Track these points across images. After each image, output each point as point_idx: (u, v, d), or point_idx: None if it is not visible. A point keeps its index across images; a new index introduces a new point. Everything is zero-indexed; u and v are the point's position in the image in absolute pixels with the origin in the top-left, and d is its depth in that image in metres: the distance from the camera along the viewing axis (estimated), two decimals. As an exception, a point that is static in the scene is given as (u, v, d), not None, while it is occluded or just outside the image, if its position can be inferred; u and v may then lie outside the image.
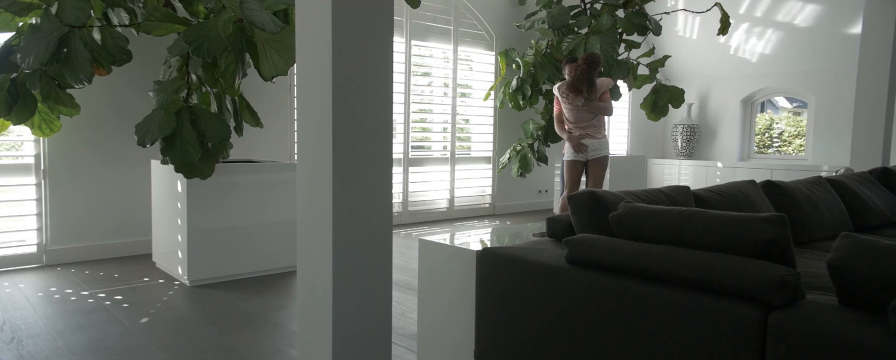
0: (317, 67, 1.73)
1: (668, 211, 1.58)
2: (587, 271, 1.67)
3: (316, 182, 1.76)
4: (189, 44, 2.92)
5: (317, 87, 1.74)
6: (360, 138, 1.75)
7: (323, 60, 1.70)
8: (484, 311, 1.99)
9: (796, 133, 8.27)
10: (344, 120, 1.72)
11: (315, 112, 1.76)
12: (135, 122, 4.28)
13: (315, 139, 1.76)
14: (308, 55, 1.77)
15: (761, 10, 7.30)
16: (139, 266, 4.03)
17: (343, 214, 1.73)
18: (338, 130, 1.70)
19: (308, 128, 1.79)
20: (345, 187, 1.73)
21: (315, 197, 1.76)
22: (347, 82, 1.71)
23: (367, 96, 1.76)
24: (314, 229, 1.77)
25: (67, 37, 3.22)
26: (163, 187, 3.79)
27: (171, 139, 2.99)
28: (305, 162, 1.81)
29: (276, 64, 2.93)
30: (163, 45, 4.35)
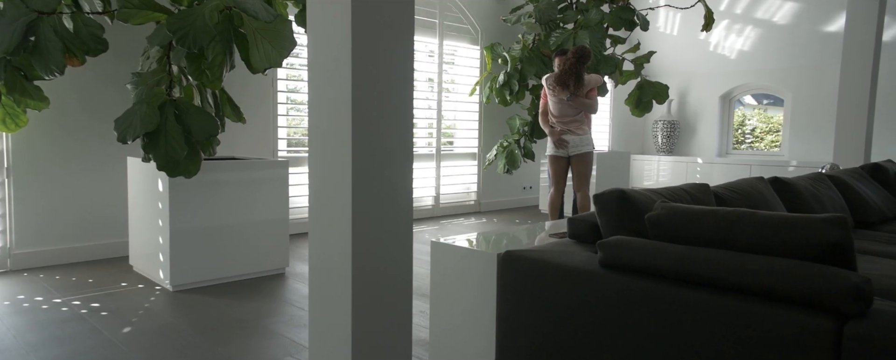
0: (334, 61, 1.59)
1: (713, 212, 1.49)
2: (624, 275, 1.57)
3: (333, 182, 1.62)
4: (173, 33, 2.72)
5: (335, 82, 1.59)
6: (381, 135, 1.62)
7: (341, 52, 1.56)
8: (506, 317, 1.88)
9: (768, 129, 8.40)
10: (364, 116, 1.58)
11: (332, 108, 1.61)
12: (108, 116, 4.04)
13: (332, 137, 1.62)
14: (324, 48, 1.62)
15: (741, 8, 7.37)
16: (115, 270, 3.79)
17: (364, 215, 1.59)
18: (357, 127, 1.57)
19: (323, 124, 1.65)
20: (365, 187, 1.59)
21: (332, 198, 1.62)
22: (368, 76, 1.58)
23: (387, 91, 1.62)
24: (331, 231, 1.63)
25: (36, 24, 2.98)
26: (141, 186, 3.56)
27: (154, 135, 2.79)
28: (321, 161, 1.67)
29: (268, 55, 2.75)
30: (137, 34, 4.11)
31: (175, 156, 2.79)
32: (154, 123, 2.74)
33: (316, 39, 1.66)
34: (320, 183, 1.67)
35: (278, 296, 3.28)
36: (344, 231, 1.59)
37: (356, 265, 1.59)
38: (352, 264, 1.58)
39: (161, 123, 2.79)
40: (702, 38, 7.98)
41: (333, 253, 1.63)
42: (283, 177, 3.71)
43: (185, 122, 2.87)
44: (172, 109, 2.87)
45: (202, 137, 2.84)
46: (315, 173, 1.69)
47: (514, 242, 2.13)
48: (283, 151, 5.07)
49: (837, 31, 6.94)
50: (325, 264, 1.67)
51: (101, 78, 4.02)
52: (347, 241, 1.58)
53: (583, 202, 4.57)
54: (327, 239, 1.65)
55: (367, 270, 1.61)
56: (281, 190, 3.71)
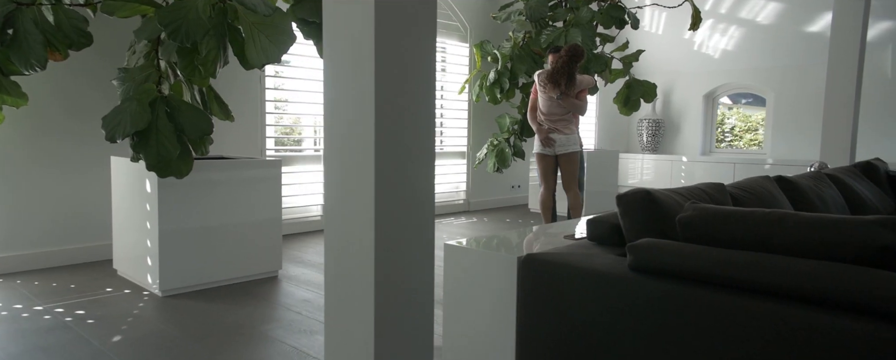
0: (355, 56, 1.50)
1: (751, 214, 1.45)
2: (656, 279, 1.52)
3: (354, 185, 1.53)
4: (165, 26, 2.59)
5: (356, 79, 1.50)
6: (405, 134, 1.53)
7: (363, 48, 1.47)
8: (527, 324, 1.81)
9: (746, 128, 8.52)
10: (388, 115, 1.49)
11: (352, 106, 1.52)
12: (87, 114, 3.87)
13: (352, 137, 1.53)
14: (343, 42, 1.53)
15: (726, 7, 7.43)
16: (98, 275, 3.63)
17: (387, 218, 1.51)
18: (381, 127, 1.48)
19: (342, 124, 1.56)
20: (389, 190, 1.51)
21: (352, 201, 1.53)
22: (392, 72, 1.49)
23: (412, 87, 1.54)
24: (352, 236, 1.54)
25: (14, 15, 2.81)
26: (127, 187, 3.41)
27: (144, 134, 2.65)
28: (339, 162, 1.57)
29: (266, 50, 2.64)
30: (118, 28, 3.94)
31: (167, 155, 2.66)
32: (145, 121, 2.61)
33: (333, 33, 1.57)
34: (339, 185, 1.58)
35: (274, 300, 3.17)
36: (366, 236, 1.50)
37: (379, 271, 1.50)
38: (375, 269, 1.50)
39: (152, 121, 2.66)
40: (686, 38, 8.04)
41: (354, 259, 1.54)
42: (275, 177, 3.60)
43: (176, 120, 2.74)
44: (163, 107, 2.74)
45: (195, 136, 2.72)
46: (333, 175, 1.60)
47: (532, 244, 2.06)
48: (270, 150, 4.93)
49: (819, 31, 7.06)
50: (344, 271, 1.58)
51: (79, 74, 3.84)
52: (370, 246, 1.49)
53: (573, 202, 4.55)
54: (347, 244, 1.56)
55: (391, 275, 1.53)
56: (273, 190, 3.59)
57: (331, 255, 1.62)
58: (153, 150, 2.65)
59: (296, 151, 5.23)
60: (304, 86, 5.08)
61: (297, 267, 3.91)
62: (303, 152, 5.24)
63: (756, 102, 8.26)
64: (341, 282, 1.60)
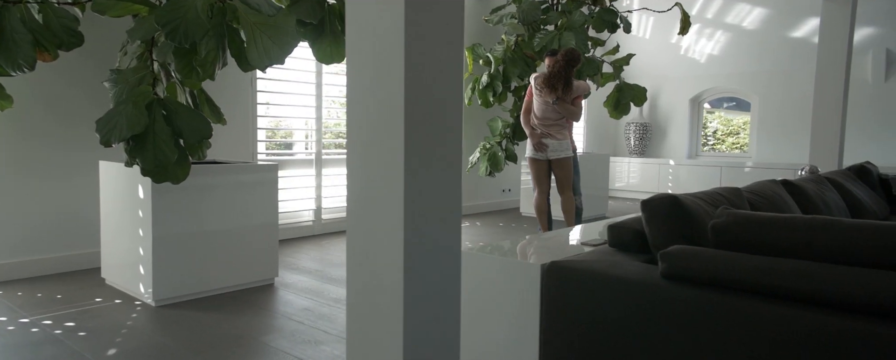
0: (383, 56, 1.44)
1: (791, 219, 1.42)
2: (690, 287, 1.48)
3: (381, 188, 1.46)
4: (162, 26, 2.50)
5: (383, 80, 1.44)
6: (434, 138, 1.48)
7: (392, 48, 1.41)
8: (551, 332, 1.77)
9: (728, 131, 8.64)
10: (417, 118, 1.43)
11: (379, 109, 1.46)
12: (73, 117, 3.73)
13: (379, 142, 1.46)
14: (369, 41, 1.47)
15: (712, 12, 7.52)
16: (85, 284, 3.49)
17: (416, 225, 1.45)
18: (410, 130, 1.42)
19: (368, 126, 1.49)
20: (418, 194, 1.45)
21: (379, 206, 1.47)
22: (420, 75, 1.43)
23: (439, 90, 1.48)
24: (379, 243, 1.48)
25: (0, 13, 2.69)
26: (117, 193, 3.28)
27: (141, 138, 2.55)
28: (365, 165, 1.51)
29: (268, 51, 2.56)
30: (106, 28, 3.82)
31: (165, 160, 2.56)
32: (142, 125, 2.51)
33: (358, 31, 1.50)
34: (363, 191, 1.52)
35: (273, 309, 3.07)
36: (394, 243, 1.44)
37: (408, 279, 1.44)
38: (404, 278, 1.43)
39: (149, 125, 2.56)
40: (673, 42, 8.12)
41: (382, 267, 1.47)
42: (271, 181, 3.50)
43: (174, 123, 2.64)
44: (160, 110, 2.64)
45: (194, 140, 2.62)
46: (356, 180, 1.54)
47: (553, 251, 2.02)
48: (262, 154, 4.83)
49: (803, 36, 7.18)
50: (370, 280, 1.51)
51: (63, 75, 3.70)
52: (399, 253, 1.43)
53: (566, 206, 4.54)
54: (374, 251, 1.50)
55: (420, 283, 1.47)
56: (269, 195, 3.50)
57: (354, 263, 1.55)
58: (150, 154, 2.55)
59: (287, 155, 5.13)
60: (295, 88, 4.99)
61: (293, 274, 3.81)
62: (294, 156, 5.14)
63: (738, 107, 8.38)
64: (366, 290, 1.53)
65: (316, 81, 5.04)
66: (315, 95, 5.05)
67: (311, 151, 5.13)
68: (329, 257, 4.33)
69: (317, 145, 5.11)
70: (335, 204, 5.36)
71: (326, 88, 5.20)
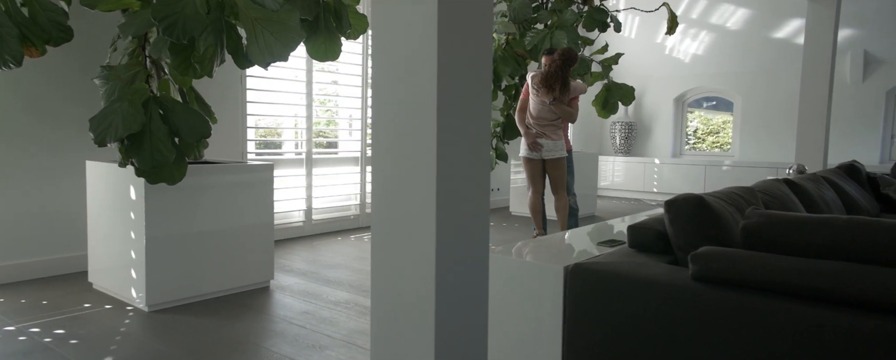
0: (413, 52, 1.39)
1: (828, 220, 1.41)
2: (724, 290, 1.46)
3: (411, 189, 1.41)
4: (159, 21, 2.40)
5: (413, 78, 1.39)
6: (465, 136, 1.43)
7: (423, 43, 1.36)
8: (575, 335, 1.74)
9: (708, 131, 8.77)
10: (449, 117, 1.38)
11: (409, 107, 1.41)
12: (57, 114, 3.59)
13: (410, 141, 1.41)
14: (398, 36, 1.41)
15: (697, 13, 7.60)
16: (72, 289, 3.36)
17: (448, 226, 1.40)
18: (443, 128, 1.37)
19: (395, 125, 1.44)
20: (450, 194, 1.40)
21: (409, 208, 1.42)
22: (452, 74, 1.39)
23: (471, 85, 1.44)
24: (408, 246, 1.43)
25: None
26: (107, 194, 3.16)
27: (138, 137, 2.45)
28: (393, 165, 1.45)
29: (270, 47, 2.48)
30: (90, 23, 3.68)
31: (162, 160, 2.46)
32: (138, 123, 2.41)
33: (385, 26, 1.45)
34: (392, 192, 1.46)
35: (272, 313, 2.99)
36: (426, 245, 1.39)
37: (440, 282, 1.39)
38: (435, 281, 1.38)
39: (145, 123, 2.46)
40: (658, 42, 8.19)
41: (412, 270, 1.42)
42: (266, 181, 3.41)
43: (171, 122, 2.54)
44: (157, 108, 2.54)
45: (193, 139, 2.53)
46: (384, 181, 1.48)
47: (571, 253, 1.99)
48: (252, 154, 4.72)
49: (785, 37, 7.30)
50: (399, 284, 1.46)
51: (44, 74, 3.56)
52: (431, 255, 1.38)
53: (559, 205, 4.53)
54: (403, 255, 1.44)
55: (450, 286, 1.42)
56: (265, 196, 3.41)
57: (382, 266, 1.50)
58: (147, 154, 2.45)
59: (277, 154, 5.03)
60: (284, 86, 4.89)
61: (288, 277, 3.73)
62: (284, 156, 5.04)
63: (718, 106, 8.51)
64: (394, 295, 1.48)
65: (306, 79, 4.94)
66: (305, 93, 4.96)
67: (302, 150, 5.04)
68: (322, 259, 4.25)
69: (307, 145, 5.02)
70: (326, 204, 5.27)
71: (317, 86, 5.10)
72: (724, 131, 8.46)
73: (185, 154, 2.71)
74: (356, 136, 5.47)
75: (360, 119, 5.44)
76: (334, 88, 5.40)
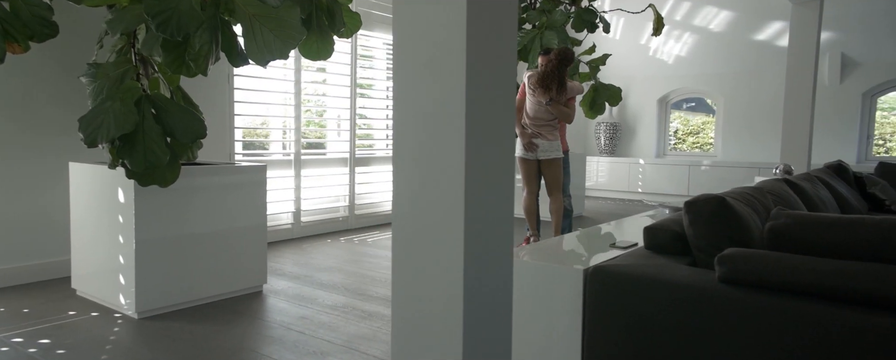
0: (439, 49, 1.33)
1: (857, 221, 1.40)
2: (755, 293, 1.44)
3: (437, 194, 1.36)
4: (153, 17, 2.30)
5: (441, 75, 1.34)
6: (491, 138, 1.38)
7: (451, 40, 1.31)
8: (596, 339, 1.70)
9: (688, 131, 8.87)
10: (477, 118, 1.34)
11: (436, 106, 1.36)
12: (38, 114, 3.44)
13: (436, 143, 1.36)
14: (423, 33, 1.36)
15: (681, 14, 7.68)
16: (54, 296, 3.22)
17: (476, 230, 1.35)
18: (471, 130, 1.32)
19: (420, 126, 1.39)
20: (478, 200, 1.35)
21: (435, 212, 1.36)
22: (481, 68, 1.34)
23: (498, 85, 1.39)
24: (435, 250, 1.37)
25: (-37, 1, 2.44)
26: (92, 197, 3.04)
27: (130, 138, 2.34)
28: (418, 169, 1.40)
29: (269, 45, 2.40)
30: (71, 19, 3.55)
31: (156, 161, 2.36)
32: (131, 123, 2.31)
33: (408, 22, 1.39)
34: (416, 196, 1.41)
35: (268, 318, 2.90)
36: (454, 249, 1.34)
37: (468, 287, 1.34)
38: (464, 286, 1.33)
39: (138, 123, 2.36)
40: (642, 44, 8.25)
41: (439, 275, 1.37)
42: (259, 183, 3.32)
43: (165, 121, 2.44)
44: (149, 107, 2.44)
45: (188, 140, 2.44)
46: (407, 186, 1.42)
47: (589, 255, 1.95)
48: (239, 155, 4.60)
49: (767, 39, 7.42)
50: (424, 290, 1.41)
51: (21, 72, 3.41)
52: (459, 259, 1.33)
53: (554, 206, 4.52)
54: (427, 258, 1.39)
55: (478, 291, 1.37)
56: (257, 198, 3.31)
57: (403, 271, 1.44)
58: (140, 155, 2.35)
59: (264, 155, 4.92)
60: (272, 86, 4.78)
61: (280, 280, 3.63)
62: (271, 157, 4.93)
63: (697, 107, 8.63)
64: (418, 302, 1.42)
65: (295, 79, 4.84)
66: (294, 93, 4.86)
67: (290, 151, 4.94)
68: (314, 262, 4.16)
69: (295, 146, 4.92)
70: (314, 206, 5.17)
71: (305, 85, 5.01)
72: (704, 132, 8.58)
73: (179, 155, 2.61)
74: (345, 136, 5.38)
75: (348, 119, 5.36)
76: (322, 88, 5.31)
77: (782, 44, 7.37)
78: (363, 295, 3.33)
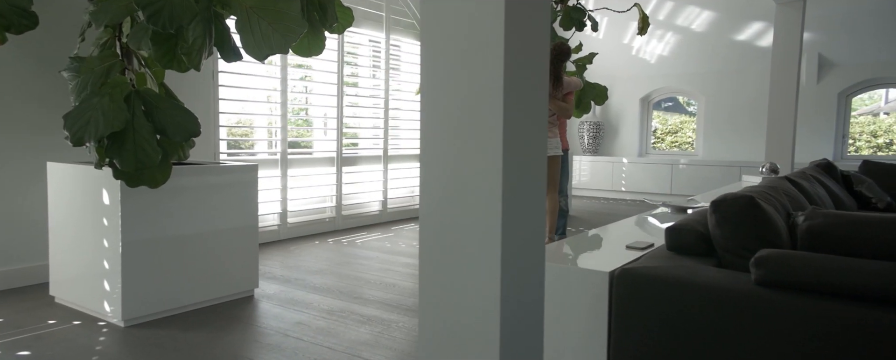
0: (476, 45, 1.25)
1: (892, 220, 1.36)
2: (796, 296, 1.40)
3: (472, 196, 1.28)
4: (143, 8, 2.17)
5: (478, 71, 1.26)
6: (527, 138, 1.31)
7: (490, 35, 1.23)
8: (623, 344, 1.64)
9: (667, 130, 8.96)
10: (515, 115, 1.26)
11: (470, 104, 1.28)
12: (10, 109, 3.26)
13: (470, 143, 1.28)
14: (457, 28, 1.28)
15: (663, 14, 7.73)
16: (31, 304, 3.05)
17: (513, 236, 1.28)
18: (509, 127, 1.25)
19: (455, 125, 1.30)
20: (514, 201, 1.27)
21: (471, 215, 1.29)
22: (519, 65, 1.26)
23: (533, 83, 1.32)
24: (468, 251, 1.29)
25: (-67, -11, 2.27)
26: (73, 198, 2.88)
27: (120, 136, 2.21)
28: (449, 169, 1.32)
29: (268, 39, 2.28)
30: (57, 9, 3.36)
31: (147, 161, 2.23)
32: (122, 120, 2.17)
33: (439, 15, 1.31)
34: (448, 200, 1.32)
35: (264, 325, 2.78)
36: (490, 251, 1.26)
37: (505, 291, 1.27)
38: (501, 290, 1.26)
39: (129, 121, 2.22)
40: (625, 43, 8.29)
41: (473, 279, 1.29)
42: (250, 183, 3.19)
43: (156, 119, 2.31)
44: (140, 104, 2.30)
45: (181, 138, 2.31)
46: (437, 188, 1.34)
47: (608, 257, 1.89)
48: (223, 154, 4.45)
49: (747, 39, 7.51)
50: (456, 295, 1.32)
51: (4, 64, 3.22)
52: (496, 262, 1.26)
53: (549, 206, 4.48)
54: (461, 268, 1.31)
55: (513, 295, 1.30)
56: (249, 199, 3.18)
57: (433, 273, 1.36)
58: (130, 155, 2.21)
59: (250, 154, 4.77)
60: (256, 83, 4.63)
61: (271, 284, 3.51)
62: (255, 156, 4.78)
63: (673, 108, 8.73)
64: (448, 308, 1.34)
65: (281, 76, 4.71)
66: (280, 91, 4.72)
67: (276, 150, 4.79)
68: (303, 264, 4.04)
69: (282, 145, 4.78)
70: (301, 207, 5.04)
71: (290, 83, 4.87)
72: (682, 131, 8.67)
73: (169, 154, 2.48)
74: (331, 135, 5.26)
75: (335, 118, 5.23)
76: (309, 86, 5.17)
77: (762, 44, 7.48)
78: (359, 299, 3.23)
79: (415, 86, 6.10)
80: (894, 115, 7.53)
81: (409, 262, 4.14)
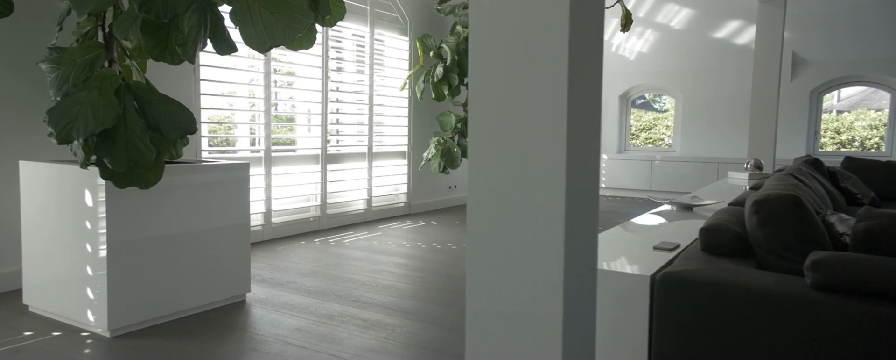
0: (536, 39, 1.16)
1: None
2: (858, 301, 1.35)
3: (532, 198, 1.18)
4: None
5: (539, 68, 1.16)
6: (587, 134, 1.22)
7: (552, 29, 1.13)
8: (666, 350, 1.58)
9: (641, 127, 9.06)
10: (577, 112, 1.17)
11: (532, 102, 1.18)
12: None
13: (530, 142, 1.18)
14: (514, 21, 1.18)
15: (643, 12, 7.77)
16: (2, 314, 2.82)
17: (574, 239, 1.19)
18: (573, 125, 1.16)
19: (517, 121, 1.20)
20: (575, 202, 1.19)
21: (529, 217, 1.19)
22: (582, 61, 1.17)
23: (588, 81, 1.23)
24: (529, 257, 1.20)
25: None
26: (49, 200, 2.67)
27: (111, 133, 2.03)
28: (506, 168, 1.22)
29: (271, 31, 2.14)
30: None
31: (141, 160, 2.06)
32: (113, 117, 2.00)
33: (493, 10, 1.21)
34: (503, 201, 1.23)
35: (261, 331, 2.63)
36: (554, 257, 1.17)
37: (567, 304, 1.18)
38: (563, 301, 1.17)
39: (120, 117, 2.05)
40: (606, 39, 8.31)
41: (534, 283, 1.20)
42: (242, 182, 3.03)
43: (149, 115, 2.14)
44: (131, 98, 2.13)
45: (176, 135, 2.14)
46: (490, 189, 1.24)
47: (641, 260, 1.82)
48: (205, 152, 4.24)
49: (725, 37, 7.62)
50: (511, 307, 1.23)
51: (-32, 54, 2.97)
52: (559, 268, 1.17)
53: None
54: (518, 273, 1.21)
55: (574, 309, 1.21)
56: (241, 199, 3.02)
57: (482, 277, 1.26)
58: (122, 153, 2.04)
59: (232, 151, 4.57)
60: (239, 77, 4.44)
61: (262, 288, 3.35)
62: (237, 153, 4.59)
63: (645, 106, 8.83)
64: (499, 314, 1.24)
65: (264, 70, 4.52)
66: (263, 86, 4.53)
67: (260, 147, 4.61)
68: (292, 266, 3.88)
69: (265, 142, 4.60)
70: (285, 206, 4.86)
71: (275, 78, 4.68)
72: (655, 128, 8.77)
73: (162, 153, 2.31)
74: (316, 132, 5.09)
75: (319, 114, 5.06)
76: (293, 80, 4.99)
77: (740, 42, 7.59)
78: (358, 302, 3.10)
79: (399, 82, 5.97)
80: (855, 112, 7.75)
81: (401, 262, 4.02)
